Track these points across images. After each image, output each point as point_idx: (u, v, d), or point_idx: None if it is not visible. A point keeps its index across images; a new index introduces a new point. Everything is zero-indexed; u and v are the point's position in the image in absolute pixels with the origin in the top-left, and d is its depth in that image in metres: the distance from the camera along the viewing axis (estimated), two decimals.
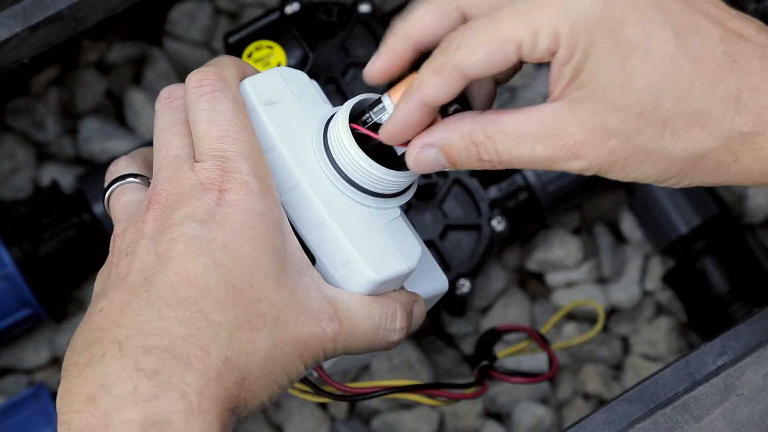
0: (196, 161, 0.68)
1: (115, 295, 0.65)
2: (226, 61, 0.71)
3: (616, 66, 0.64)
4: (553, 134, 0.65)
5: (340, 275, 0.69)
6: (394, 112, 0.68)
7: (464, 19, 0.68)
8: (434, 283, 0.75)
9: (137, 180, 0.72)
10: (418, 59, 0.69)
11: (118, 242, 0.68)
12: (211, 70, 0.70)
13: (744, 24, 0.66)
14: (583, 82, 0.64)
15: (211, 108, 0.68)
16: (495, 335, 0.85)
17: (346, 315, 0.68)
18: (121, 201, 0.71)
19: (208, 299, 0.64)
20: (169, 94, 0.71)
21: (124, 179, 0.72)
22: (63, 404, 0.63)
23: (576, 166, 0.66)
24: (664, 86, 0.64)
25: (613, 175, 0.67)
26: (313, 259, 0.69)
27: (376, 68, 0.70)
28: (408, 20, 0.68)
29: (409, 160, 0.68)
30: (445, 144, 0.67)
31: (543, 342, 0.85)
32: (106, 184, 0.73)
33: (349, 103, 0.70)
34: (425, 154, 0.68)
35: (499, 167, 0.67)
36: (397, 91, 0.69)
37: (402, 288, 0.72)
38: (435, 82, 0.66)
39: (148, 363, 0.62)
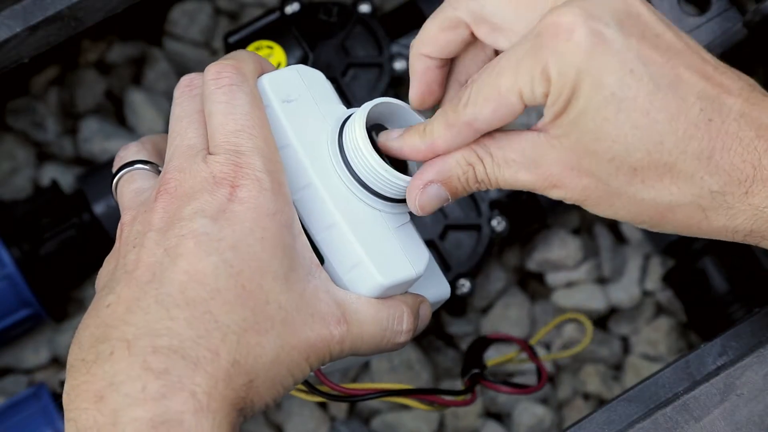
0: (210, 153, 0.67)
1: (122, 290, 0.64)
2: (245, 56, 0.71)
3: (592, 113, 0.65)
4: (533, 162, 0.67)
5: (349, 277, 0.69)
6: (405, 141, 0.70)
7: (470, 32, 0.70)
8: (437, 289, 0.75)
9: (147, 167, 0.72)
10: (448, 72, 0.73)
11: (126, 231, 0.68)
12: (230, 64, 0.70)
13: (732, 80, 0.66)
14: (564, 122, 0.66)
15: (228, 101, 0.68)
16: (484, 344, 0.85)
17: (354, 318, 0.68)
18: (130, 188, 0.71)
19: (218, 300, 0.64)
20: (189, 81, 0.71)
21: (133, 165, 0.72)
22: (70, 401, 0.63)
23: (555, 194, 0.68)
24: (635, 138, 0.65)
25: (590, 209, 0.68)
26: (321, 259, 0.69)
27: (414, 97, 0.73)
28: (419, 37, 0.72)
29: (413, 205, 0.70)
30: (444, 176, 0.69)
31: (532, 354, 0.85)
32: (114, 170, 0.72)
33: (367, 106, 0.70)
34: (428, 194, 0.69)
35: (491, 188, 0.69)
36: None
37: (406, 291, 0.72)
38: (448, 135, 0.68)
39: (157, 363, 0.62)
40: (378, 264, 0.68)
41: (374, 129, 0.72)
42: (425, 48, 0.72)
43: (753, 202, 0.66)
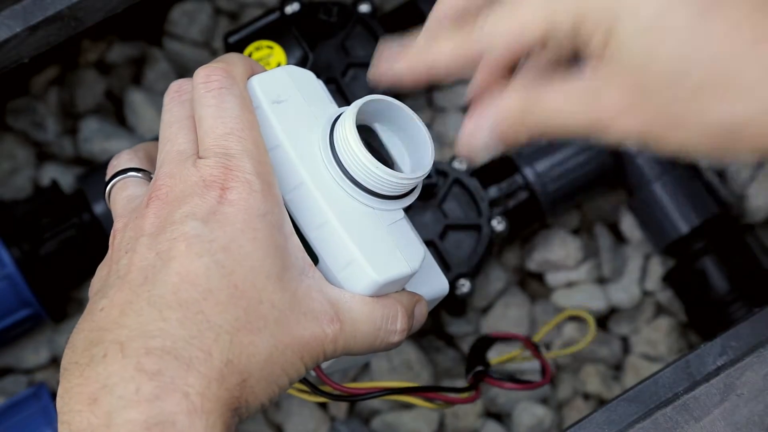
0: (200, 157, 0.67)
1: (115, 294, 0.65)
2: (234, 59, 0.71)
3: (641, 37, 0.62)
4: (592, 101, 0.65)
5: (343, 275, 0.69)
6: (411, 55, 0.69)
7: None
8: (435, 285, 0.75)
9: (139, 174, 0.72)
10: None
11: (118, 238, 0.68)
12: (219, 67, 0.70)
13: None
14: (613, 56, 0.63)
15: (217, 104, 0.68)
16: (487, 342, 0.85)
17: (348, 316, 0.68)
18: (123, 195, 0.71)
19: (210, 300, 0.64)
20: (178, 87, 0.71)
21: (125, 173, 0.72)
22: (63, 404, 0.63)
23: (615, 133, 0.65)
24: (690, 52, 0.62)
25: (656, 144, 0.65)
26: (315, 258, 0.69)
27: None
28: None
29: (465, 149, 0.68)
30: (497, 118, 0.67)
31: (536, 351, 0.85)
32: (107, 178, 0.72)
33: (357, 103, 0.70)
34: (480, 137, 0.67)
35: (544, 137, 0.67)
36: None
37: (403, 289, 0.72)
38: (456, 56, 0.67)
39: (150, 364, 0.62)
40: (372, 261, 0.68)
41: (365, 129, 0.72)
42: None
43: None
